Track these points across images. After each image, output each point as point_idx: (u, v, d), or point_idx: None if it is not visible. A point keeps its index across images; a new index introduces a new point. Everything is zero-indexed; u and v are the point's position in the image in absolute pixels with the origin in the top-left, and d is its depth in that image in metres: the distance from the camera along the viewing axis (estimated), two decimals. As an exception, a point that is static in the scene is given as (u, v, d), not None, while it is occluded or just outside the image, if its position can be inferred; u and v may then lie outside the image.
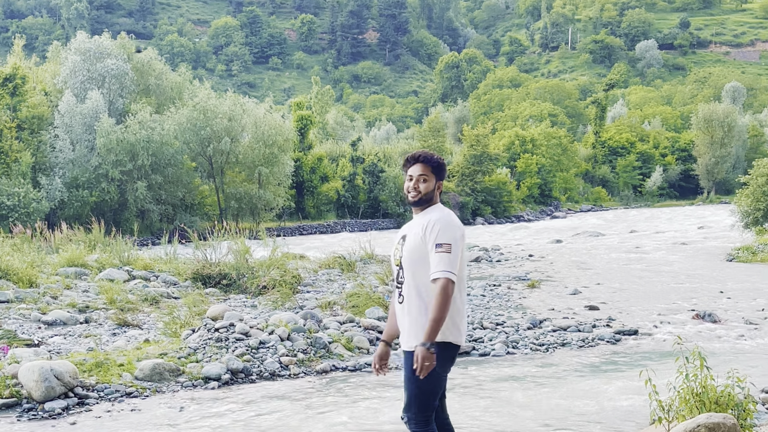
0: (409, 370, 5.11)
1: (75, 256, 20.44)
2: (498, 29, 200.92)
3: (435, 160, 5.30)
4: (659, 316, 15.40)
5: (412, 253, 5.15)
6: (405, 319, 5.22)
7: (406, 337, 5.21)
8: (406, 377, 5.16)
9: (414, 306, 5.15)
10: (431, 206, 5.26)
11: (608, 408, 9.05)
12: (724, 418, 6.12)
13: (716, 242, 33.17)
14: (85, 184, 48.82)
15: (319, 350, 11.57)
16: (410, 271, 5.16)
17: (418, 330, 5.07)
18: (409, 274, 5.16)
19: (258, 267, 18.88)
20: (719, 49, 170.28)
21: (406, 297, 5.19)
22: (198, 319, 12.85)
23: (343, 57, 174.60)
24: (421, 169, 5.27)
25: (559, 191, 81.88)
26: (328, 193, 64.90)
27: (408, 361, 5.15)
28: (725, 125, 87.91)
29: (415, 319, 5.13)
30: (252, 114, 56.78)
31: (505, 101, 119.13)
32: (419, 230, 5.15)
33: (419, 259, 5.12)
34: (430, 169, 5.27)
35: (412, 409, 5.18)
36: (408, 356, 5.16)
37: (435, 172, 5.28)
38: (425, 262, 5.09)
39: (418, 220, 5.23)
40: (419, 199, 5.23)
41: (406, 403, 5.20)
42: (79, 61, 53.88)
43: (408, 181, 5.27)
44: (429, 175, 5.26)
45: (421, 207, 5.26)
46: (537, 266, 25.55)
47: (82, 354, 10.95)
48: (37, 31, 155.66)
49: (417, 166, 5.28)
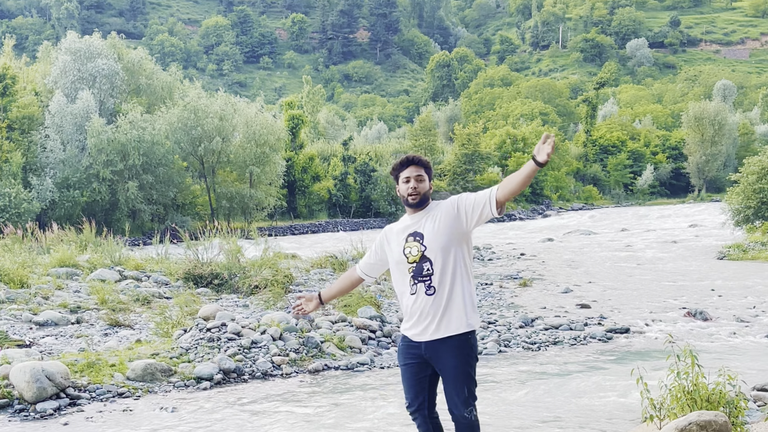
0: (464, 362, 5.24)
1: (66, 256, 20.37)
2: (489, 28, 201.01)
3: (426, 161, 5.43)
4: (650, 314, 15.43)
5: (441, 242, 5.23)
6: (438, 308, 5.28)
7: (442, 324, 5.26)
8: (453, 367, 5.23)
9: (451, 292, 5.25)
10: (430, 203, 5.37)
11: (600, 406, 9.06)
12: (715, 415, 6.14)
13: (707, 240, 33.26)
14: (76, 185, 48.72)
15: (311, 350, 11.56)
16: (442, 262, 5.24)
17: (463, 313, 5.23)
18: (439, 264, 5.24)
19: (250, 267, 18.85)
20: (709, 47, 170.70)
21: (438, 287, 5.25)
22: (190, 319, 12.83)
23: (334, 56, 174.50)
24: (416, 170, 5.36)
25: (550, 190, 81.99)
26: (320, 193, 64.90)
27: (455, 349, 5.24)
28: (716, 123, 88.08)
29: (455, 305, 5.25)
30: (243, 113, 56.77)
31: (496, 100, 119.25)
32: (443, 217, 5.26)
33: (452, 245, 5.24)
34: (423, 169, 5.38)
35: (472, 400, 5.32)
36: (453, 342, 5.24)
37: (427, 172, 5.39)
38: (462, 242, 5.27)
39: (428, 215, 5.32)
40: (420, 199, 5.32)
41: (467, 396, 5.27)
42: (69, 61, 53.77)
43: (405, 183, 5.33)
44: (423, 174, 5.36)
45: (421, 207, 5.34)
46: (529, 265, 25.59)
47: (73, 354, 10.93)
48: (27, 31, 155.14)
49: (411, 168, 5.36)
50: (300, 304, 5.81)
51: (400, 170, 5.38)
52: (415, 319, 5.32)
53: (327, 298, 5.85)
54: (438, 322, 5.27)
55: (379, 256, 5.61)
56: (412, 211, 5.36)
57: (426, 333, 5.28)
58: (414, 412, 5.38)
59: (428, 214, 5.33)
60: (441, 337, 5.26)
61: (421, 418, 5.37)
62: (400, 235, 5.38)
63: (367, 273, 5.75)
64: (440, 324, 5.26)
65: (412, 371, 5.35)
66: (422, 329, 5.29)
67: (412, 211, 5.35)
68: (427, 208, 5.34)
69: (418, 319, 5.31)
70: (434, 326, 5.27)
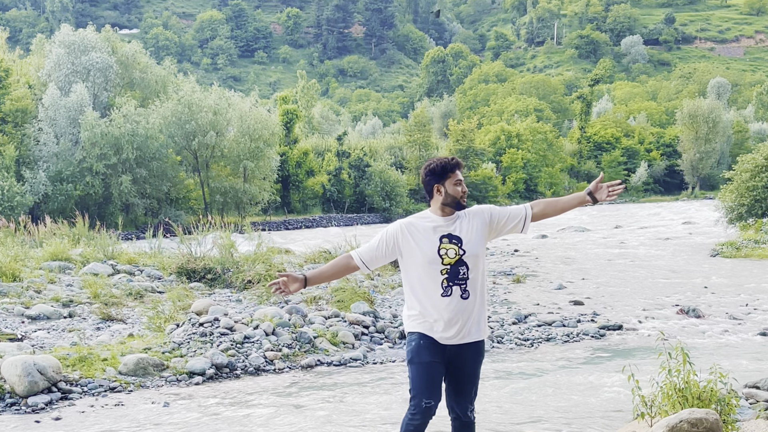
0: (479, 365, 5.47)
1: (59, 250, 20.33)
2: (484, 24, 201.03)
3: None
4: (643, 311, 15.45)
5: (477, 249, 5.35)
6: (470, 313, 5.37)
7: (470, 330, 5.38)
8: (472, 372, 5.41)
9: (479, 299, 5.38)
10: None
11: (593, 403, 9.07)
12: (706, 413, 6.14)
13: (700, 238, 33.30)
14: (70, 178, 48.61)
15: (304, 345, 11.55)
16: (475, 267, 5.35)
17: (484, 321, 5.44)
18: (474, 271, 5.34)
19: (243, 261, 18.83)
20: (704, 45, 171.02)
21: (471, 292, 5.35)
22: (182, 314, 12.81)
23: (329, 51, 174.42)
24: (461, 173, 5.50)
25: (544, 186, 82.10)
26: (314, 188, 64.87)
27: (476, 354, 5.43)
28: (710, 121, 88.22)
29: (480, 312, 5.40)
30: (237, 108, 56.69)
31: (491, 96, 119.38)
32: (478, 224, 5.39)
33: (482, 253, 5.41)
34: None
35: (475, 399, 5.51)
36: (475, 347, 5.42)
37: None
38: (484, 255, 5.45)
39: (460, 219, 5.39)
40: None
41: (472, 397, 5.45)
42: (63, 54, 53.61)
43: (457, 185, 5.37)
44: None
45: (461, 209, 5.44)
46: (522, 261, 25.60)
47: (65, 348, 10.90)
48: (21, 24, 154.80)
49: (459, 171, 5.46)
50: (279, 282, 5.49)
51: (451, 171, 5.40)
52: (445, 321, 5.31)
53: (313, 281, 5.58)
54: (469, 327, 5.35)
55: (389, 249, 5.46)
56: (448, 213, 5.38)
57: (457, 336, 5.33)
58: (431, 408, 5.28)
59: (460, 218, 5.39)
60: (467, 342, 5.36)
61: (428, 416, 5.33)
62: (432, 235, 5.35)
63: (367, 263, 5.51)
64: (471, 329, 5.36)
65: (437, 369, 5.32)
66: (454, 332, 5.32)
67: (449, 212, 5.38)
68: (458, 212, 5.40)
69: (450, 321, 5.32)
70: (465, 330, 5.34)
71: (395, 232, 5.43)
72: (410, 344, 5.39)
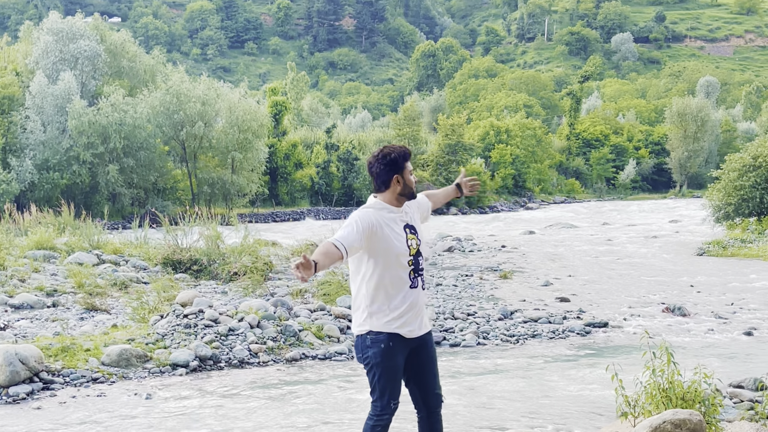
0: (435, 355, 5.46)
1: (44, 239, 20.21)
2: (475, 19, 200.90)
3: None
4: (629, 308, 15.47)
5: (425, 235, 5.43)
6: (424, 303, 5.39)
7: (425, 320, 5.39)
8: (435, 363, 5.41)
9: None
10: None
11: (576, 401, 9.07)
12: (690, 414, 6.13)
13: (687, 236, 33.39)
14: (56, 167, 48.35)
15: (289, 338, 11.51)
16: (423, 258, 5.36)
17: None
18: (423, 261, 5.34)
19: (229, 253, 18.78)
20: (694, 43, 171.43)
21: (425, 282, 5.36)
22: (167, 305, 12.74)
23: (319, 43, 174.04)
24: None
25: (533, 182, 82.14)
26: (302, 180, 64.75)
27: (432, 344, 5.44)
28: (698, 119, 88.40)
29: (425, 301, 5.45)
30: (226, 99, 56.45)
31: (481, 91, 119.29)
32: (417, 213, 5.45)
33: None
34: None
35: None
36: (431, 338, 5.43)
37: None
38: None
39: (407, 209, 5.34)
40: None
41: (440, 387, 5.47)
42: (51, 42, 53.25)
43: (411, 175, 5.31)
44: None
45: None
46: (509, 257, 25.60)
47: (48, 338, 10.84)
48: (9, 11, 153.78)
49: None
50: (304, 262, 4.71)
51: (407, 161, 5.30)
52: (411, 314, 5.22)
53: (318, 269, 4.88)
54: (424, 317, 5.37)
55: (365, 238, 5.06)
56: (401, 203, 5.28)
57: (419, 328, 5.30)
58: (395, 407, 5.27)
59: (406, 208, 5.34)
60: (424, 333, 5.34)
61: (393, 414, 5.31)
62: (397, 225, 5.22)
63: (350, 253, 5.01)
64: (425, 319, 5.38)
65: (401, 370, 5.27)
66: (417, 325, 5.29)
67: (402, 201, 5.28)
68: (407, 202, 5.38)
69: (415, 314, 5.26)
70: (424, 321, 5.34)
71: (369, 222, 5.08)
72: (377, 346, 5.15)
